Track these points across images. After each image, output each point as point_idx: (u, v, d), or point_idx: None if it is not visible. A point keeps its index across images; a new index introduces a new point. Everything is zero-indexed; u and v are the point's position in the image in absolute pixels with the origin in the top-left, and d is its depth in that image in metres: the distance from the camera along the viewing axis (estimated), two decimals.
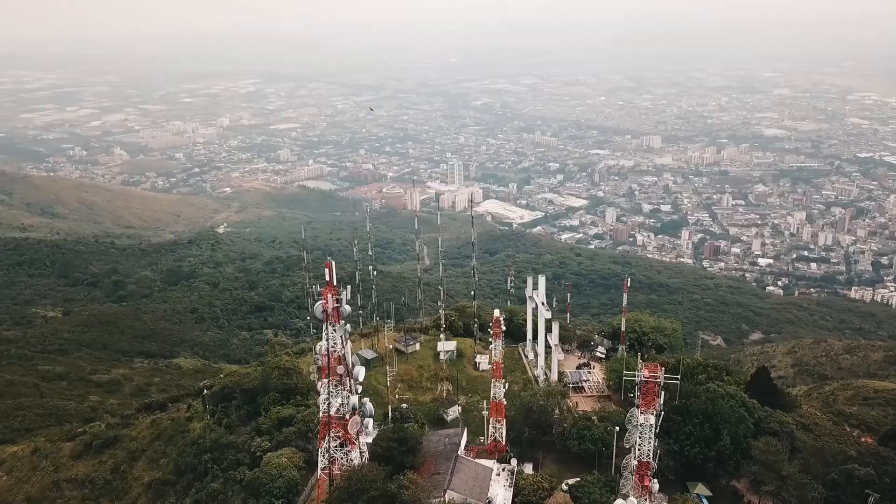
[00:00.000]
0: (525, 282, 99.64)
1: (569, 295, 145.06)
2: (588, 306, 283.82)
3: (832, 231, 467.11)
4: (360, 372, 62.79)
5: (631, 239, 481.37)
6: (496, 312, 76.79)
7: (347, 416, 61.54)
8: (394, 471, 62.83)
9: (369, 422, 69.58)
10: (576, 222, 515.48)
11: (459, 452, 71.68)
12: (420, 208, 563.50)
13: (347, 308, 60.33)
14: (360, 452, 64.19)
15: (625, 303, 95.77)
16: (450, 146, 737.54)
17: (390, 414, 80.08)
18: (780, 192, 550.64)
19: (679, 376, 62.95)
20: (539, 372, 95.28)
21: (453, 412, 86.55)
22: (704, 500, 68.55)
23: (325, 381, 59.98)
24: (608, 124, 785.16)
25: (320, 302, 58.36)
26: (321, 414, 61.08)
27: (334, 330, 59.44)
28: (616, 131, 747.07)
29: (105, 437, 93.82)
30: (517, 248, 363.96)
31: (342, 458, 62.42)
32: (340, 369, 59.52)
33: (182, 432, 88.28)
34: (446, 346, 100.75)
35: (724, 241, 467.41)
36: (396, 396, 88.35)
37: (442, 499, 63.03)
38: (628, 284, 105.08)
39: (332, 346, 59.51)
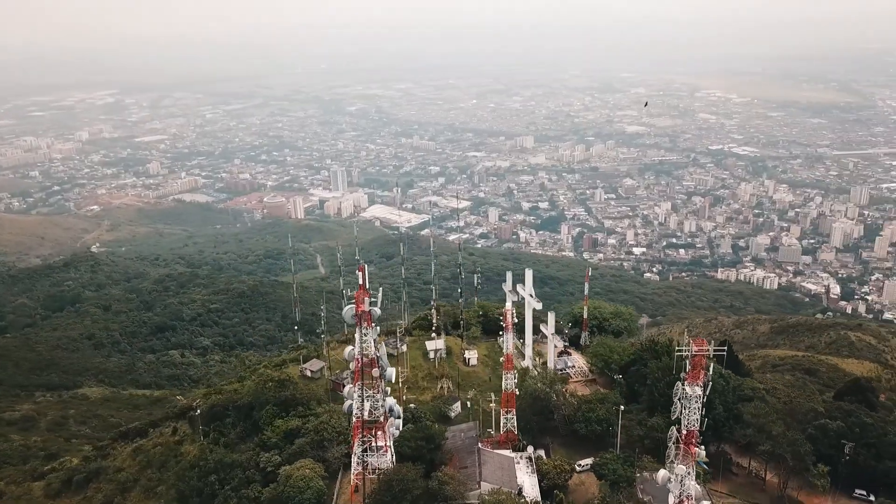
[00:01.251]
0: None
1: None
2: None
3: (695, 219, 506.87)
4: (392, 373, 64.22)
5: (514, 236, 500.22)
6: (508, 305, 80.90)
7: (382, 419, 62.83)
8: (427, 469, 64.47)
9: (399, 422, 70.52)
10: (461, 223, 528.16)
11: (479, 445, 74.54)
12: (305, 216, 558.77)
13: (377, 310, 61.55)
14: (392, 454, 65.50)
15: (586, 292, 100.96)
16: (329, 152, 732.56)
17: (401, 415, 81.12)
18: (646, 184, 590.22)
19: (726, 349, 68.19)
20: (527, 362, 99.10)
21: (456, 408, 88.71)
22: (704, 466, 74.93)
23: (359, 384, 61.10)
24: (482, 126, 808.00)
25: (349, 306, 59.92)
26: (355, 418, 62.02)
27: (365, 333, 60.33)
28: (490, 133, 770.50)
29: (87, 470, 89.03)
30: (413, 251, 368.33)
31: (377, 461, 63.63)
32: (376, 372, 60.64)
33: (175, 457, 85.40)
34: (436, 345, 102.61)
35: (600, 233, 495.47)
36: (404, 398, 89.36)
37: (478, 490, 65.53)
38: (589, 274, 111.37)
39: (366, 349, 60.56)
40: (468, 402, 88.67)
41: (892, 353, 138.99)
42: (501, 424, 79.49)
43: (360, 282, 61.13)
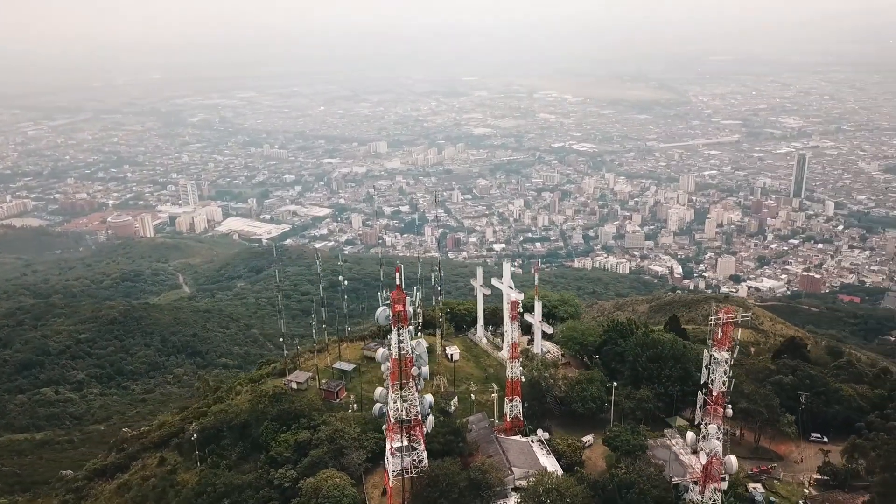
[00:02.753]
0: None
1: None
2: (375, 307, 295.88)
3: (547, 213, 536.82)
4: (427, 371, 65.43)
5: (380, 241, 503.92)
6: (514, 296, 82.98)
7: (420, 417, 63.80)
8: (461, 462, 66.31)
9: (431, 419, 70.86)
10: (324, 231, 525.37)
11: (495, 434, 77.03)
12: (156, 234, 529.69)
13: (410, 310, 63.30)
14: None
15: (536, 282, 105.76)
16: (173, 166, 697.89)
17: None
18: (498, 183, 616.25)
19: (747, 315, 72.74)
20: (506, 352, 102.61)
21: (454, 403, 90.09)
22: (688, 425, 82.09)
23: (396, 384, 62.04)
24: (334, 133, 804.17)
25: (383, 307, 61.09)
26: (392, 419, 62.67)
27: (401, 333, 61.23)
28: (343, 139, 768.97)
29: None
30: (283, 263, 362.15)
31: (416, 459, 64.62)
32: (415, 370, 61.90)
33: (172, 487, 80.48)
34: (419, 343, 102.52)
35: (461, 232, 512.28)
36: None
37: (512, 476, 68.54)
38: (539, 265, 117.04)
39: (404, 349, 61.38)
40: (471, 395, 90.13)
41: (757, 319, 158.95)
42: (508, 412, 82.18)
43: (398, 282, 62.48)
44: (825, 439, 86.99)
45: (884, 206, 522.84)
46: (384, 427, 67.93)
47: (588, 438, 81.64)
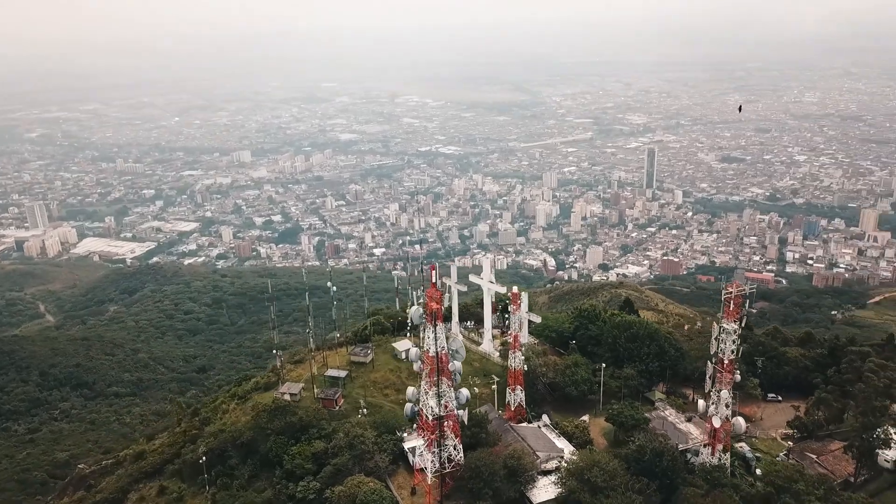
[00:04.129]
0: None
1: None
2: (265, 320, 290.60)
3: (422, 216, 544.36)
4: (459, 367, 65.92)
5: (255, 253, 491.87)
6: (514, 289, 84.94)
7: (455, 412, 64.37)
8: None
9: (465, 413, 70.52)
10: (193, 246, 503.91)
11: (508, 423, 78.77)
12: (1, 261, 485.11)
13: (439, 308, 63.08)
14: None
15: (433, 280, 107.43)
16: (14, 186, 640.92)
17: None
18: (371, 188, 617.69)
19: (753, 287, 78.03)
20: (486, 345, 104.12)
21: (466, 396, 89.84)
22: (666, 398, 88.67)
23: (432, 381, 62.90)
24: (192, 144, 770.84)
25: (415, 306, 61.52)
26: (430, 416, 63.11)
27: (436, 330, 61.94)
28: (203, 150, 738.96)
29: None
30: (159, 282, 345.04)
31: (453, 454, 65.24)
32: (452, 366, 62.80)
33: None
34: (405, 344, 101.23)
35: (339, 239, 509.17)
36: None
37: (538, 460, 70.72)
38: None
39: (440, 346, 62.10)
40: (474, 388, 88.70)
41: (652, 301, 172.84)
42: (511, 401, 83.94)
43: (432, 281, 63.46)
44: (780, 399, 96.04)
45: (724, 193, 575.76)
46: (414, 425, 68.83)
47: (584, 419, 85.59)
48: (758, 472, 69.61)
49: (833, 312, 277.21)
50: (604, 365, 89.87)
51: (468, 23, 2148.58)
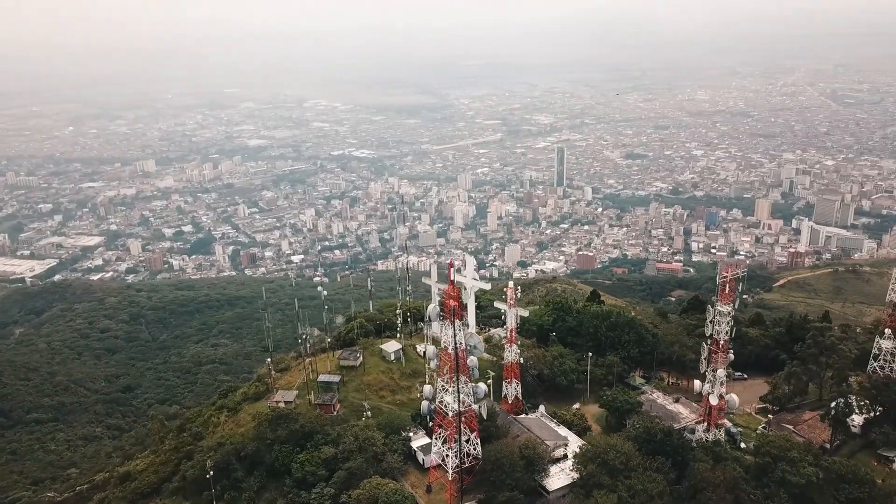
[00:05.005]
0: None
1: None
2: (188, 334, 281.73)
3: (339, 220, 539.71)
4: (476, 362, 66.00)
5: (167, 265, 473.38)
6: (510, 284, 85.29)
7: (473, 407, 64.60)
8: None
9: (484, 406, 70.35)
10: (99, 261, 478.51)
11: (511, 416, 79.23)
12: None
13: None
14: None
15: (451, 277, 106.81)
16: None
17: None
18: (285, 194, 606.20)
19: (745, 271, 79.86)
20: (475, 341, 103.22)
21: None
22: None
23: (452, 378, 62.77)
24: (90, 155, 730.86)
25: (433, 305, 60.62)
26: (449, 411, 62.75)
27: (454, 327, 62.07)
28: (102, 161, 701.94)
29: None
30: (68, 301, 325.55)
31: (473, 449, 65.52)
32: (470, 361, 63.09)
33: None
34: (393, 346, 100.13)
35: (255, 248, 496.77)
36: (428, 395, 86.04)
37: (549, 448, 71.82)
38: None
39: (459, 342, 62.44)
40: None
41: (585, 294, 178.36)
42: (509, 393, 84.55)
43: (451, 278, 63.87)
44: (745, 377, 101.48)
45: (630, 188, 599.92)
46: (430, 423, 68.59)
47: (576, 407, 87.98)
48: (742, 445, 73.98)
49: (744, 297, 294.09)
50: (590, 354, 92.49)
51: (367, 26, 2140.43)
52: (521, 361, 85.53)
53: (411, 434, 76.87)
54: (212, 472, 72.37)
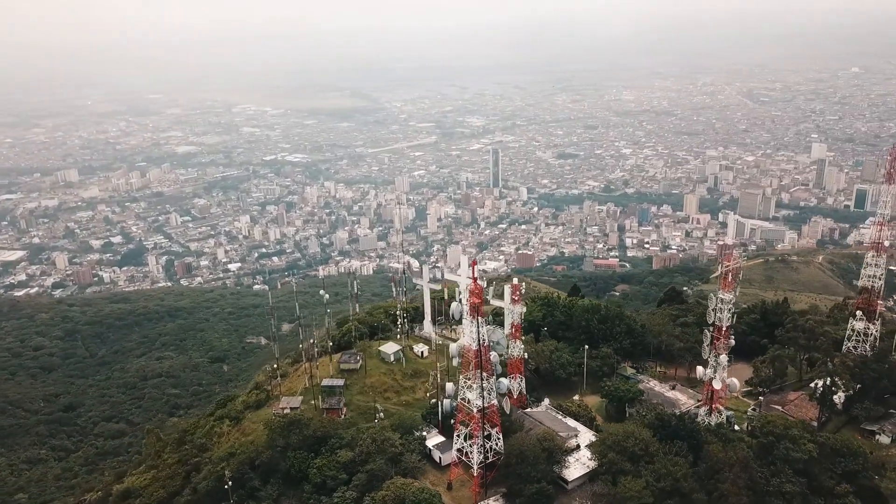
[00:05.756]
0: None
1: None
2: (129, 348, 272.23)
3: (276, 226, 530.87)
4: (496, 357, 65.61)
5: (97, 278, 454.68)
6: (514, 281, 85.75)
7: (495, 403, 64.76)
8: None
9: (507, 401, 70.53)
10: (23, 276, 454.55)
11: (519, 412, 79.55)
12: None
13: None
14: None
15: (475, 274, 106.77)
16: None
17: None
18: (218, 201, 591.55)
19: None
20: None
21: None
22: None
23: (478, 372, 62.90)
24: (6, 165, 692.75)
25: (456, 302, 59.87)
26: (472, 407, 62.54)
27: (478, 324, 62.31)
28: (20, 171, 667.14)
29: None
30: None
31: (496, 444, 65.51)
32: (493, 356, 63.08)
33: None
34: (392, 347, 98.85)
35: (190, 257, 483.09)
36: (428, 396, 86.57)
37: (564, 440, 72.39)
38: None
39: (483, 339, 62.76)
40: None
41: (538, 289, 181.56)
42: (514, 388, 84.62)
43: (473, 276, 64.81)
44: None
45: (563, 187, 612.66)
46: (452, 420, 68.22)
47: (575, 398, 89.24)
48: (736, 427, 77.03)
49: (684, 289, 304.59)
50: (586, 346, 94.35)
51: (292, 30, 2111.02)
52: (525, 357, 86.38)
53: (424, 433, 77.11)
54: (230, 483, 70.70)
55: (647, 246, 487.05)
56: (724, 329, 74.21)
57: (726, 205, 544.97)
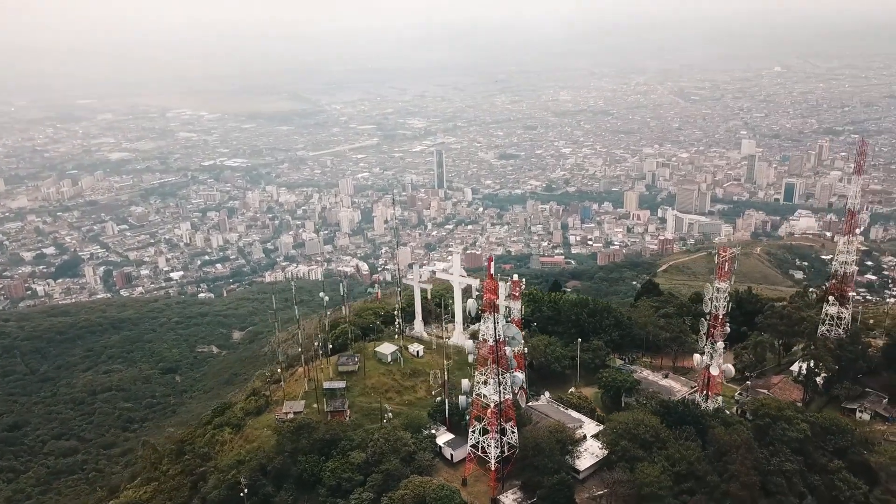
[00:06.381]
0: None
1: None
2: (73, 363, 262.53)
3: (218, 233, 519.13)
4: (510, 352, 65.42)
5: (30, 291, 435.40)
6: (515, 277, 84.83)
7: (512, 396, 65.69)
8: None
9: (523, 396, 71.11)
10: None
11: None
12: None
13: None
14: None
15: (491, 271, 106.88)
16: None
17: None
18: (156, 208, 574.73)
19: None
20: (456, 337, 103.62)
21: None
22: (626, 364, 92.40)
23: (493, 369, 63.05)
24: None
25: (471, 300, 59.48)
26: (489, 403, 62.31)
27: (494, 320, 62.43)
28: None
29: None
30: None
31: (512, 439, 65.83)
32: (508, 351, 63.34)
33: None
34: (388, 348, 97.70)
35: (129, 266, 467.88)
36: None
37: (572, 430, 73.07)
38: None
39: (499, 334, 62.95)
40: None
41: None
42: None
43: (489, 272, 63.64)
44: None
45: (507, 187, 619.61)
46: (466, 416, 68.12)
47: (572, 390, 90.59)
48: (727, 412, 79.68)
49: (634, 283, 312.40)
50: (580, 340, 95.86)
51: (225, 32, 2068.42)
52: (526, 351, 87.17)
53: (434, 431, 77.12)
54: (246, 490, 69.18)
55: (590, 243, 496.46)
56: (720, 317, 76.54)
57: (664, 201, 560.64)
